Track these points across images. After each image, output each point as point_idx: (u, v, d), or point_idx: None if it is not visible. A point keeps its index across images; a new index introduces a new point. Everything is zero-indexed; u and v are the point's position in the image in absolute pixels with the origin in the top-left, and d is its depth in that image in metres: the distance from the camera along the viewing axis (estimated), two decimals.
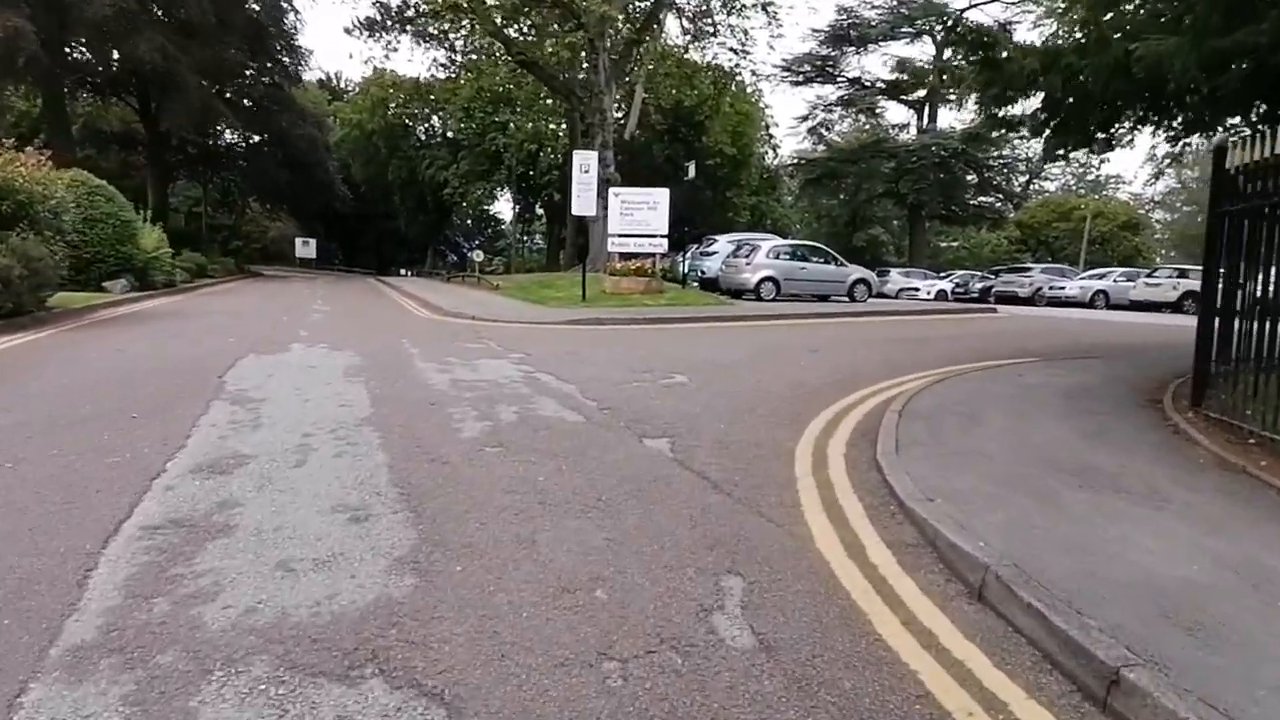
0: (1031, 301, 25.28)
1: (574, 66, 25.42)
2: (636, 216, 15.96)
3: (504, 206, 47.82)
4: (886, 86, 40.04)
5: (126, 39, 22.46)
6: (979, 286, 28.64)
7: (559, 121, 33.96)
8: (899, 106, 42.15)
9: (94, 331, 9.20)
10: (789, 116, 79.81)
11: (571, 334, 10.77)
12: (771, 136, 42.31)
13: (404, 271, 45.07)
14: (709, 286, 19.17)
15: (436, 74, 30.13)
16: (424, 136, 41.58)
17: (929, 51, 36.17)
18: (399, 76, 34.04)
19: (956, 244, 51.05)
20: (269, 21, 30.02)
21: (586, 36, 21.54)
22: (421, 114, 40.25)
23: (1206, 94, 6.69)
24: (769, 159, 43.02)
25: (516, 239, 48.18)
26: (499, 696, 1.99)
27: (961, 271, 34.27)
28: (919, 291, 28.69)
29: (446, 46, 27.15)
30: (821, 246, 20.15)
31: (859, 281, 18.27)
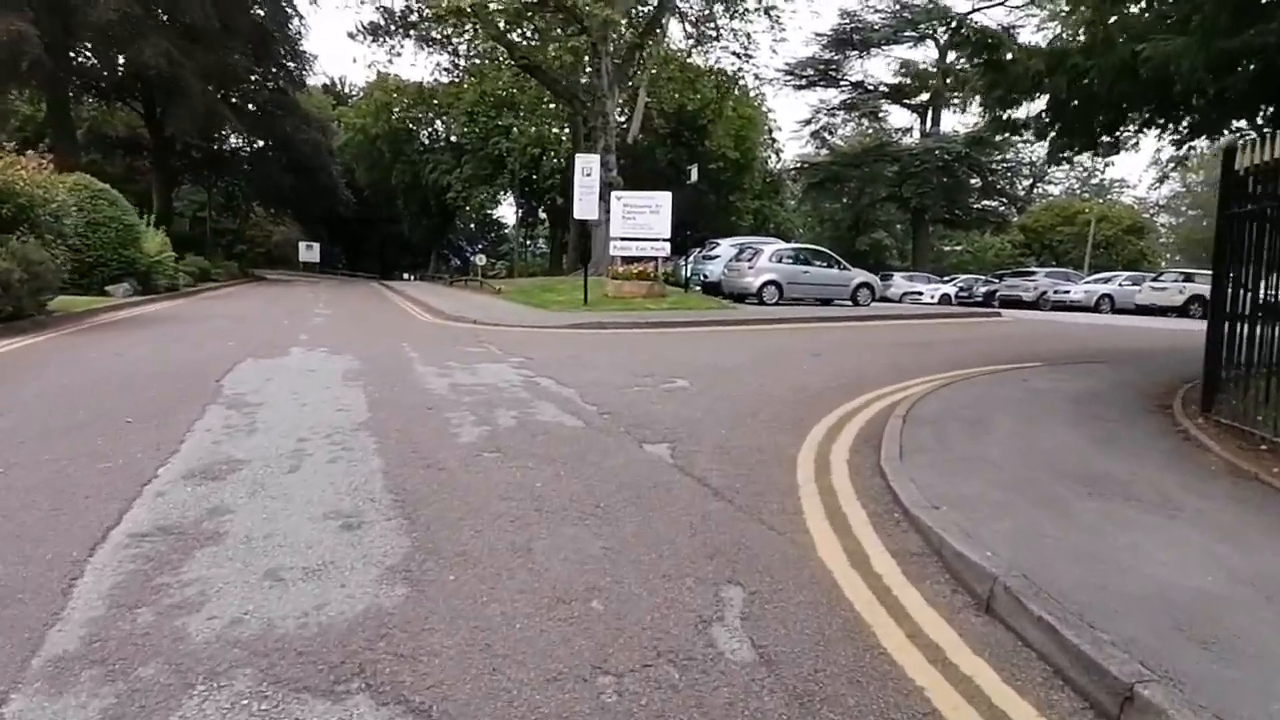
0: (1036, 306, 25.16)
1: (577, 71, 25.43)
2: (639, 220, 15.92)
3: (507, 210, 48.01)
4: (889, 90, 40.06)
5: (131, 44, 22.52)
6: (983, 290, 28.52)
7: (562, 125, 34.00)
8: (902, 110, 42.27)
9: (94, 335, 9.18)
10: (792, 120, 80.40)
11: (573, 338, 10.72)
12: (774, 140, 42.36)
13: (407, 276, 45.13)
14: (711, 290, 19.11)
15: (440, 78, 30.18)
16: (427, 141, 41.66)
17: (932, 55, 36.22)
18: (402, 81, 34.13)
19: (960, 248, 50.97)
20: (273, 27, 30.12)
21: (589, 41, 21.54)
22: (425, 118, 40.35)
23: (1213, 96, 6.62)
24: (772, 163, 43.02)
25: (519, 243, 48.22)
26: (488, 713, 1.92)
27: (965, 275, 34.13)
28: (922, 295, 28.59)
29: (450, 51, 27.18)
30: (824, 250, 20.08)
31: (862, 285, 18.19)
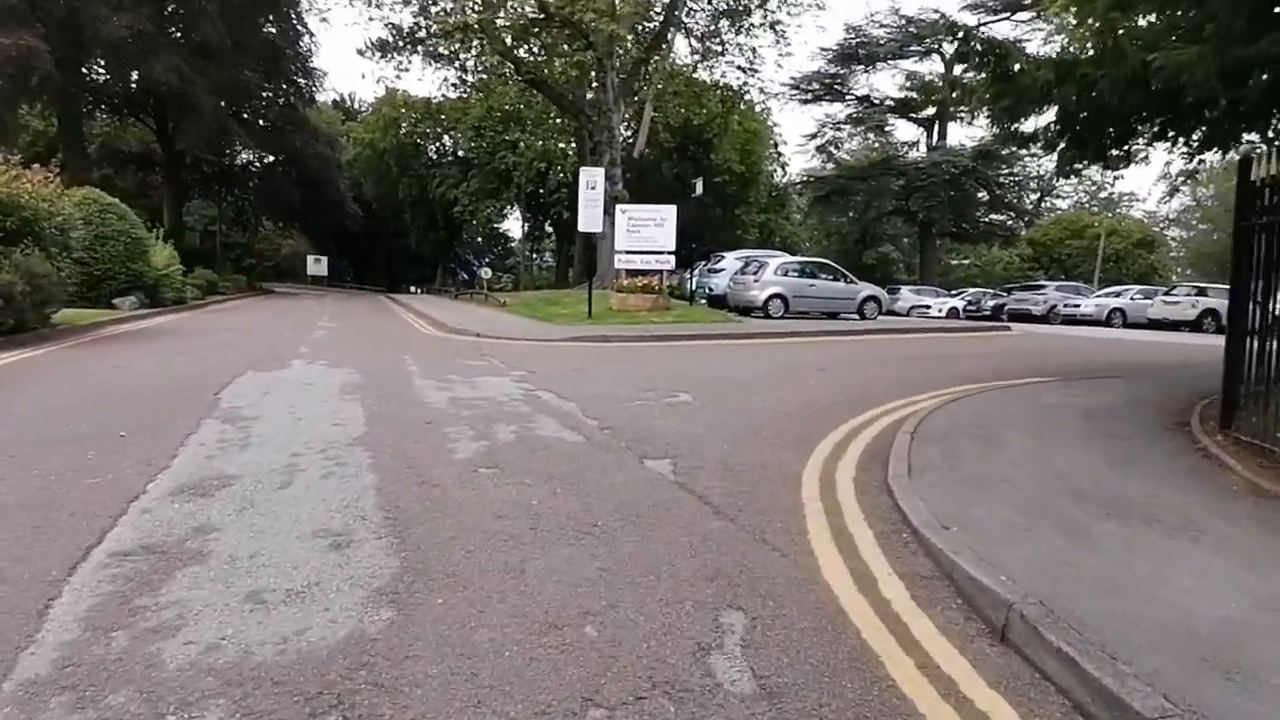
0: (1046, 319, 24.93)
1: (583, 85, 25.56)
2: (644, 233, 15.87)
3: (514, 224, 48.08)
4: (896, 104, 40.06)
5: (143, 60, 22.79)
6: (991, 304, 28.32)
7: (568, 140, 34.15)
8: (908, 124, 42.20)
9: (96, 348, 9.15)
10: (798, 134, 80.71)
11: (576, 351, 10.63)
12: (780, 154, 42.42)
13: (414, 289, 45.28)
14: (717, 304, 19.02)
15: (447, 94, 30.41)
16: (435, 155, 41.93)
17: (938, 69, 36.21)
18: (410, 96, 34.42)
19: (968, 261, 50.76)
20: (284, 44, 30.44)
21: (595, 56, 21.65)
22: (432, 133, 40.65)
23: (1226, 106, 6.53)
24: (778, 177, 43.07)
25: (526, 256, 48.35)
26: None
27: (973, 289, 33.95)
28: (930, 309, 28.42)
29: (457, 67, 27.37)
30: (830, 264, 19.97)
31: (869, 299, 18.06)
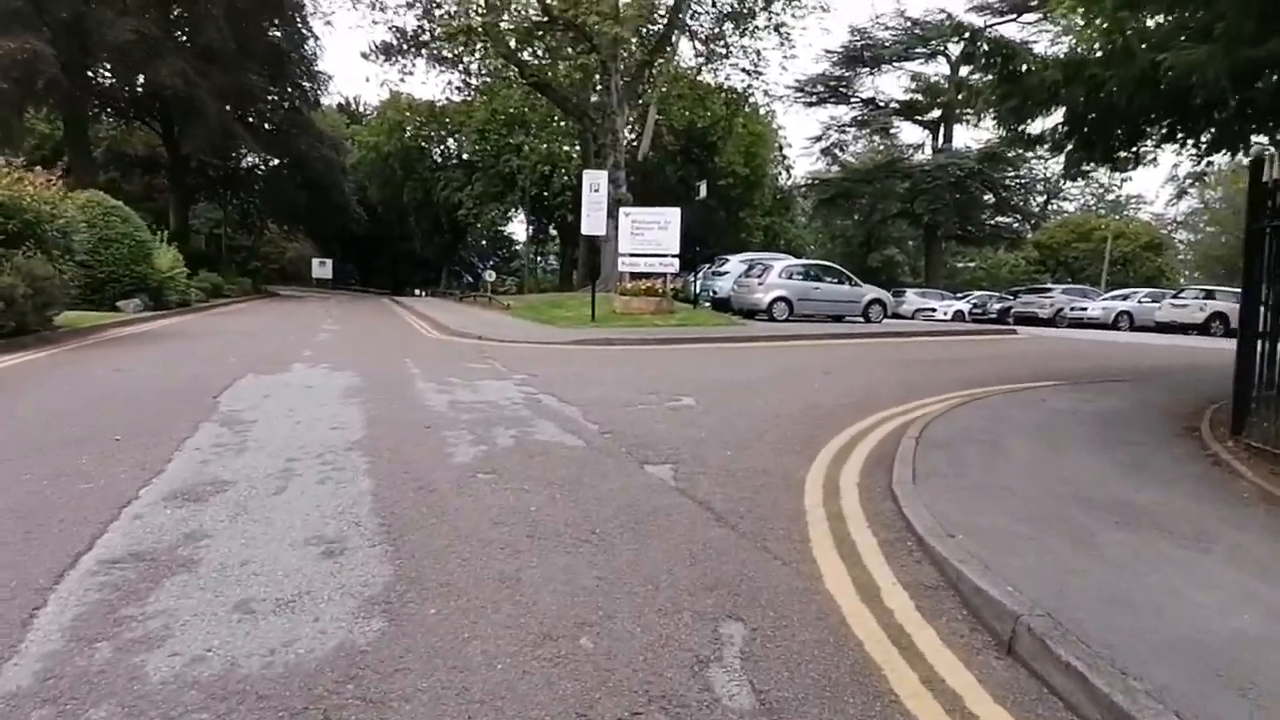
0: (1052, 323, 24.76)
1: (586, 88, 25.55)
2: (647, 236, 15.83)
3: (518, 227, 48.16)
4: (901, 106, 39.95)
5: (148, 64, 22.87)
6: (997, 307, 28.15)
7: (572, 143, 34.15)
8: (914, 126, 42.08)
9: (98, 351, 9.15)
10: (802, 137, 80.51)
11: (578, 354, 10.58)
12: (785, 157, 42.36)
13: (419, 292, 45.31)
14: (721, 307, 18.94)
15: (451, 97, 30.45)
16: (439, 158, 41.98)
17: (943, 71, 36.11)
18: (415, 100, 34.49)
19: (973, 264, 50.52)
20: (289, 47, 30.55)
21: (599, 59, 21.64)
22: (437, 136, 40.72)
23: (1235, 107, 6.44)
24: (782, 179, 42.98)
25: (530, 259, 48.37)
26: None
27: (979, 292, 33.76)
28: (935, 312, 28.27)
29: (461, 70, 27.42)
30: (835, 266, 19.89)
31: (874, 302, 17.96)
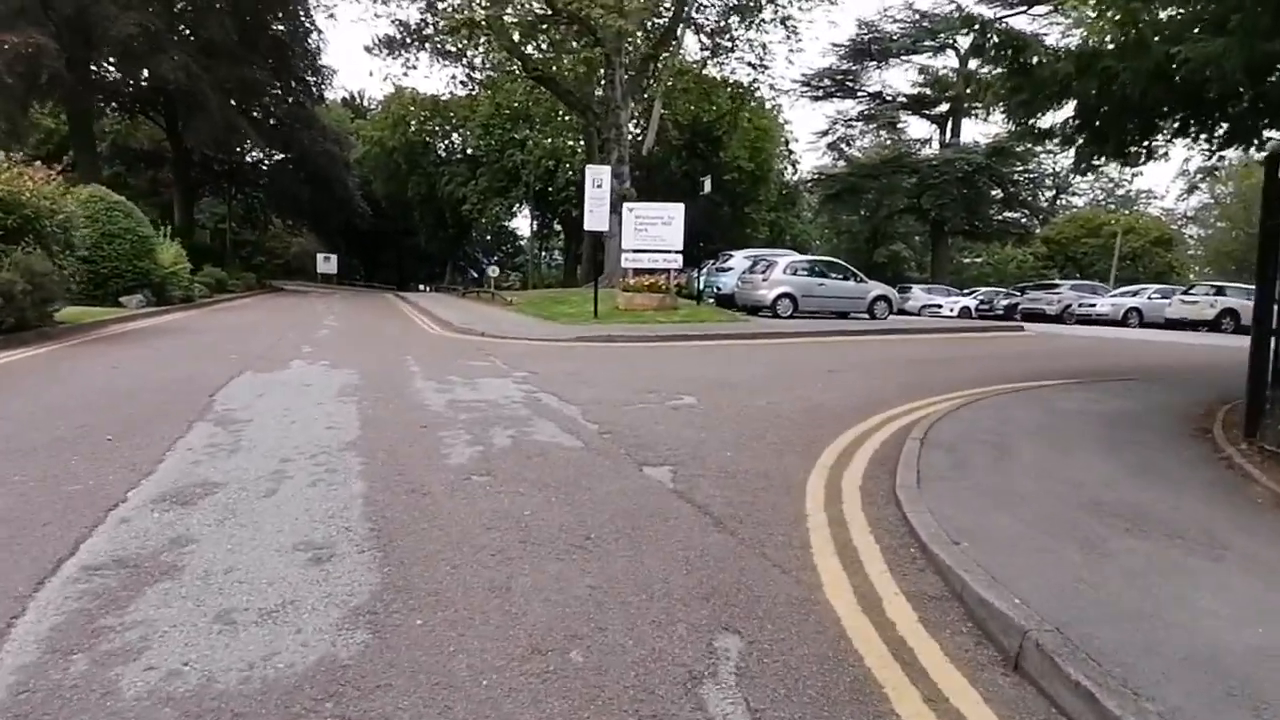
0: (1060, 319, 24.56)
1: (591, 82, 25.42)
2: (651, 232, 15.72)
3: (522, 222, 48.05)
4: (908, 101, 39.56)
5: (152, 58, 22.85)
6: (1004, 304, 27.95)
7: (576, 138, 34.03)
8: (921, 121, 41.67)
9: (97, 347, 9.11)
10: (808, 132, 79.90)
11: (580, 352, 10.50)
12: (791, 152, 42.11)
13: (423, 287, 45.30)
14: (725, 303, 18.84)
15: (455, 91, 30.38)
16: (443, 153, 41.93)
17: (952, 64, 35.75)
18: (419, 94, 34.37)
19: (980, 260, 50.20)
20: (293, 41, 30.49)
21: (603, 52, 21.51)
22: (441, 131, 40.64)
23: (1250, 101, 6.30)
24: (788, 174, 42.77)
25: (535, 254, 48.29)
26: None
27: (986, 288, 33.55)
28: (942, 309, 28.09)
29: (464, 64, 27.35)
30: (840, 262, 19.75)
31: (879, 298, 17.82)
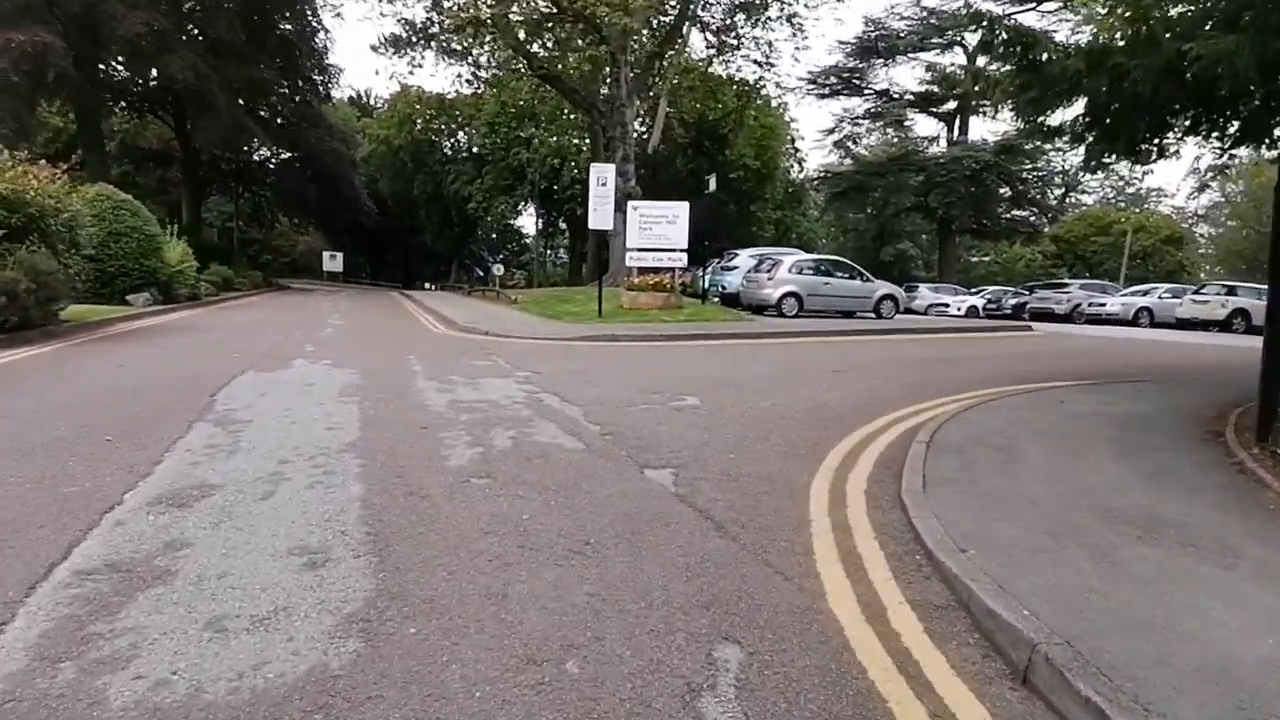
0: (1069, 319, 24.36)
1: (596, 80, 25.39)
2: (655, 230, 15.65)
3: (527, 221, 48.03)
4: (916, 98, 39.31)
5: (160, 57, 22.91)
6: (1012, 303, 27.74)
7: (582, 136, 34.00)
8: (928, 119, 41.41)
9: (102, 346, 9.12)
10: (815, 129, 79.68)
11: (584, 351, 10.45)
12: (797, 150, 41.95)
13: (428, 285, 45.41)
14: (730, 302, 18.76)
15: (461, 89, 30.43)
16: (449, 151, 41.96)
17: (960, 61, 35.52)
18: (425, 92, 34.39)
19: (988, 259, 49.86)
20: (300, 41, 30.55)
21: (608, 50, 21.46)
22: (447, 129, 40.68)
23: (1262, 99, 6.21)
24: (794, 173, 42.60)
25: (540, 253, 48.28)
26: None
27: (994, 287, 33.31)
28: (949, 308, 27.91)
29: (470, 62, 27.35)
30: (846, 261, 19.64)
31: (885, 297, 17.71)
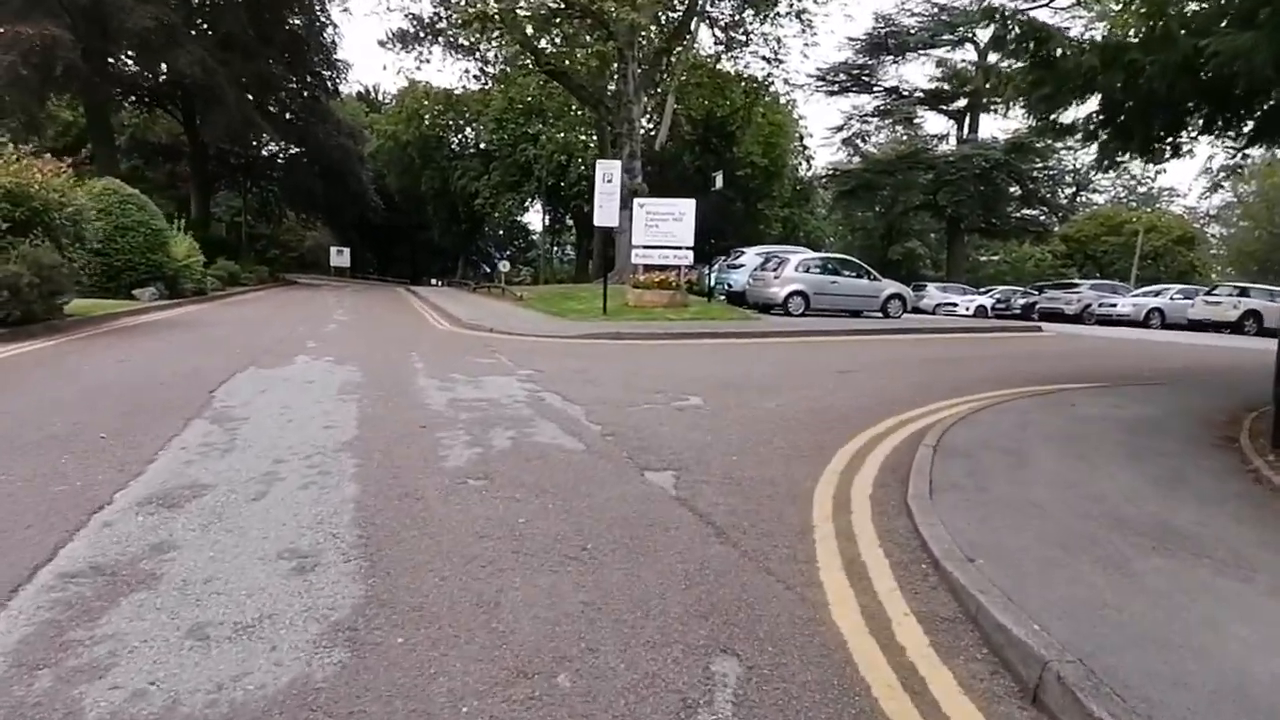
0: (1079, 319, 24.10)
1: (603, 76, 25.27)
2: (662, 228, 15.55)
3: (534, 217, 48.01)
4: (925, 96, 38.97)
5: (169, 51, 22.95)
6: (1022, 303, 27.48)
7: (589, 132, 33.90)
8: (938, 116, 41.02)
9: (105, 341, 9.10)
10: (823, 127, 79.27)
11: (587, 349, 10.37)
12: (805, 147, 41.71)
13: (435, 281, 45.42)
14: (736, 300, 18.64)
15: (468, 85, 30.37)
16: (457, 147, 41.97)
17: (970, 57, 35.16)
18: (432, 88, 34.36)
19: (997, 258, 49.50)
20: (308, 36, 30.55)
21: (616, 46, 21.34)
22: (454, 125, 40.67)
23: (1278, 97, 6.08)
24: (802, 170, 42.37)
25: (547, 249, 48.24)
26: None
27: (1002, 287, 33.04)
28: (957, 308, 27.68)
29: (477, 58, 27.30)
30: (853, 260, 19.48)
31: (893, 297, 17.55)
